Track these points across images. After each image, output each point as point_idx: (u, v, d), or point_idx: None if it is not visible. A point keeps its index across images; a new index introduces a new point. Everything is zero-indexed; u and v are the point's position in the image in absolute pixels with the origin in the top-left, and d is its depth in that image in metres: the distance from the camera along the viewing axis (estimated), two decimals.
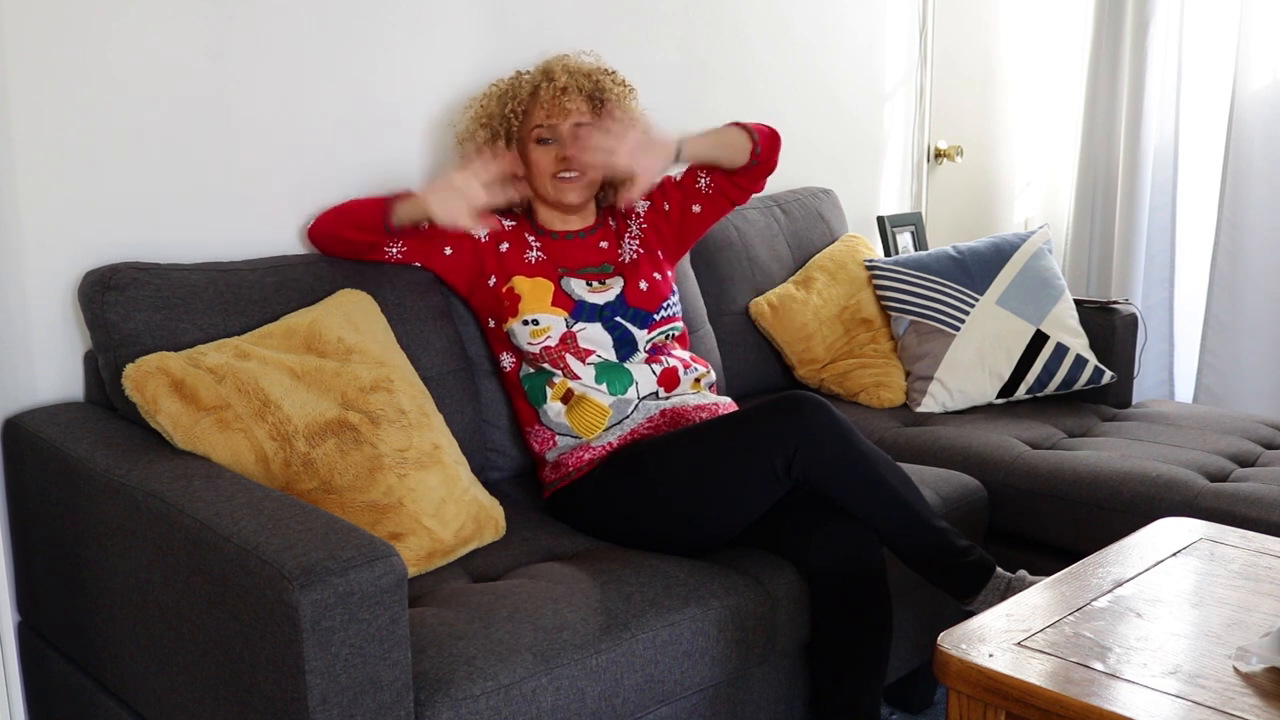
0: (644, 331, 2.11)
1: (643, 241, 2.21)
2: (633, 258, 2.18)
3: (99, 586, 1.67)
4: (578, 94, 2.11)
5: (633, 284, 2.13)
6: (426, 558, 1.77)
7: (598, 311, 2.08)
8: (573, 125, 2.10)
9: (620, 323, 2.09)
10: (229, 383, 1.70)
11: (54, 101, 1.84)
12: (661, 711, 1.67)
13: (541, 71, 2.15)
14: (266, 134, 2.08)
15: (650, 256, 2.20)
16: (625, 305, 2.11)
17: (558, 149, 2.10)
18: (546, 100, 2.10)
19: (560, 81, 2.10)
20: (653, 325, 2.13)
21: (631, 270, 2.16)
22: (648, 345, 2.11)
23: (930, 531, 1.84)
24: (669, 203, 2.24)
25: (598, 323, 2.08)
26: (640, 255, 2.19)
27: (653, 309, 2.13)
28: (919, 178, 3.54)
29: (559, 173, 2.11)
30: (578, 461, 2.04)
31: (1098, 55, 3.59)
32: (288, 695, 1.32)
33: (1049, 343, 2.71)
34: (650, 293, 2.14)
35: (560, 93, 2.09)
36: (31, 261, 1.86)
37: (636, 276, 2.15)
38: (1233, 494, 2.10)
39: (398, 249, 2.08)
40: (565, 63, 2.16)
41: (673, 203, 2.23)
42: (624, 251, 2.19)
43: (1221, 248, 3.36)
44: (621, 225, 2.23)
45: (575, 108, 2.10)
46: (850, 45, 3.24)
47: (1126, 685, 1.25)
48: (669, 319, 2.16)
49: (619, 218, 2.24)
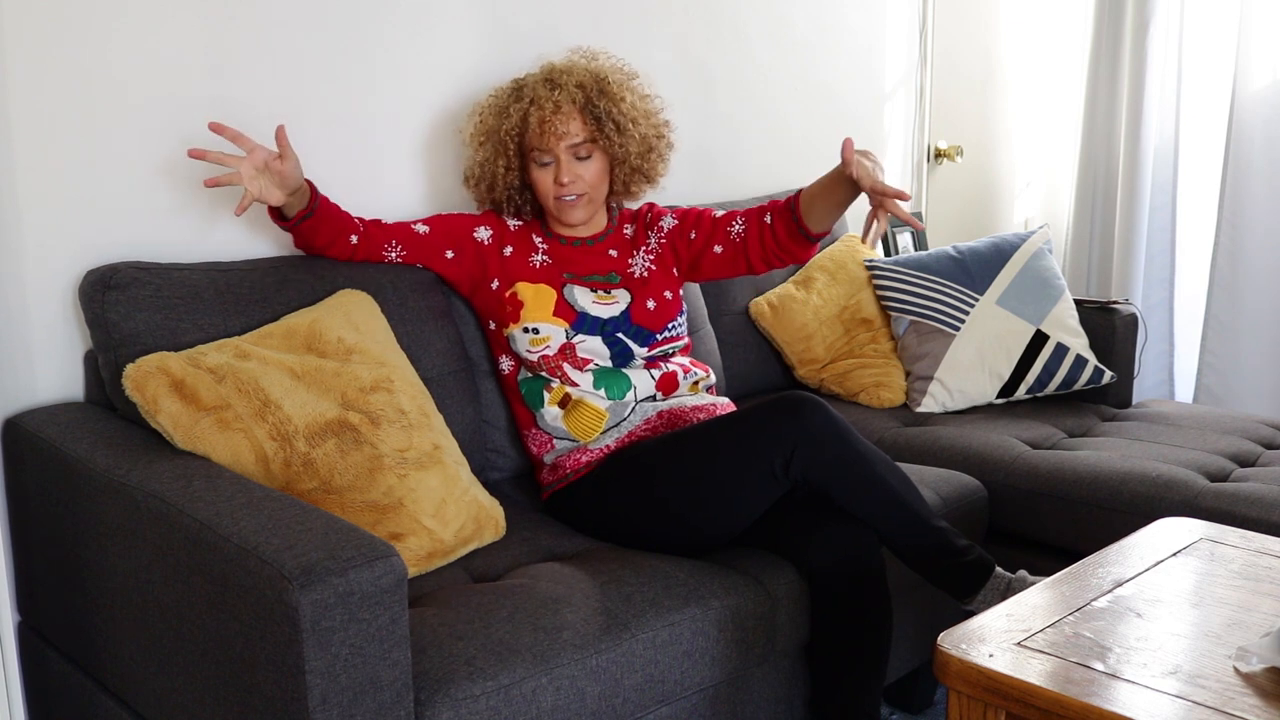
0: (644, 349, 2.09)
1: (658, 258, 2.16)
2: (644, 274, 2.14)
3: (99, 586, 1.67)
4: (571, 111, 2.05)
5: (640, 301, 2.11)
6: (426, 558, 1.77)
7: (599, 325, 2.07)
8: (568, 147, 2.06)
9: (621, 338, 2.07)
10: (229, 383, 1.70)
11: (54, 101, 1.84)
12: (661, 711, 1.67)
13: (533, 89, 2.08)
14: (266, 134, 2.08)
15: (664, 274, 2.16)
16: (629, 322, 2.08)
17: (555, 171, 2.08)
18: (537, 125, 2.05)
19: (549, 107, 2.04)
20: (653, 344, 2.10)
21: (640, 286, 2.13)
22: (646, 355, 2.11)
23: (930, 531, 1.84)
24: (696, 232, 2.17)
25: (598, 336, 2.06)
26: (653, 272, 2.15)
27: (657, 329, 2.10)
28: (919, 178, 3.54)
29: (559, 195, 2.09)
30: (575, 464, 2.04)
31: (1098, 55, 3.59)
32: (288, 695, 1.32)
33: (1049, 343, 2.71)
34: (657, 312, 2.11)
35: (553, 114, 2.04)
36: (31, 261, 1.86)
37: (645, 294, 2.12)
38: (1233, 494, 2.10)
39: (397, 252, 2.08)
40: (557, 77, 2.08)
41: (700, 233, 2.17)
42: (635, 265, 2.15)
43: (1221, 248, 3.36)
44: (640, 236, 2.19)
45: (567, 130, 2.05)
46: (850, 45, 3.24)
47: (1126, 685, 1.25)
48: (672, 338, 2.13)
49: (640, 228, 2.20)
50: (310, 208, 1.95)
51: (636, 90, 2.15)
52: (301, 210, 1.94)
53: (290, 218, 1.94)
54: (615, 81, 2.12)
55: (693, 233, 2.17)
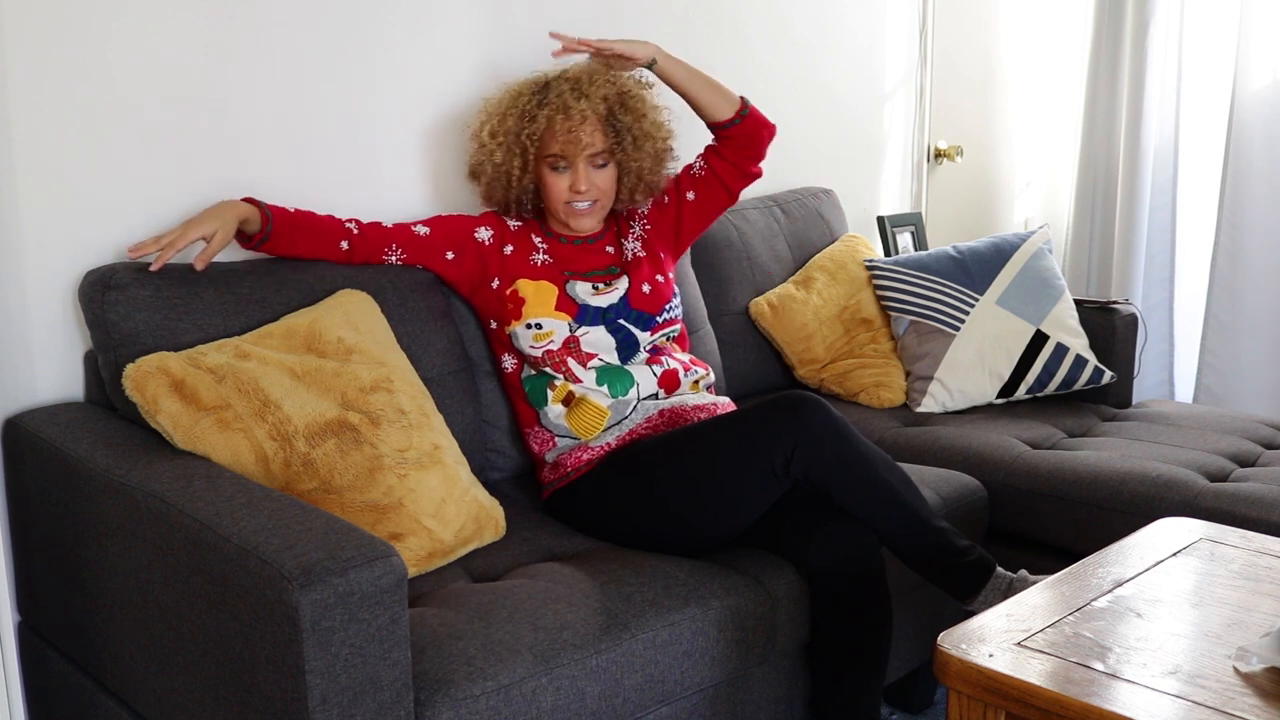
0: (646, 334, 2.11)
1: (645, 242, 2.20)
2: (635, 257, 2.18)
3: (99, 586, 1.67)
4: (596, 122, 2.07)
5: (636, 285, 2.13)
6: (426, 558, 1.77)
7: (601, 315, 2.08)
8: (588, 155, 2.08)
9: (623, 325, 2.09)
10: (229, 383, 1.70)
11: (54, 101, 1.84)
12: (661, 711, 1.67)
13: (559, 96, 2.07)
14: (266, 134, 2.08)
15: (652, 258, 2.19)
16: (628, 307, 2.10)
17: (571, 178, 2.09)
18: (564, 133, 2.05)
19: (576, 117, 2.05)
20: (655, 328, 2.13)
21: (634, 269, 2.15)
22: (649, 346, 2.12)
23: (930, 531, 1.84)
24: (667, 195, 2.23)
25: (601, 325, 2.07)
26: (642, 256, 2.18)
27: (655, 311, 2.13)
28: (919, 178, 3.54)
29: (572, 201, 2.10)
30: (576, 462, 2.04)
31: (1098, 55, 3.59)
32: (288, 695, 1.32)
33: (1049, 343, 2.71)
34: (653, 295, 2.14)
35: (579, 124, 2.05)
36: (31, 261, 1.86)
37: (640, 277, 2.14)
38: (1233, 494, 2.10)
39: (397, 255, 2.09)
40: (583, 87, 2.09)
41: (671, 195, 2.23)
42: (627, 251, 2.19)
43: (1221, 248, 3.36)
44: (625, 226, 2.22)
45: (591, 140, 2.06)
46: (850, 45, 3.24)
47: (1126, 685, 1.25)
48: (670, 321, 2.16)
49: (622, 220, 2.23)
50: (264, 231, 1.93)
51: (652, 104, 2.17)
52: (259, 231, 1.93)
53: (254, 238, 1.93)
54: (635, 96, 2.14)
55: (665, 198, 2.23)
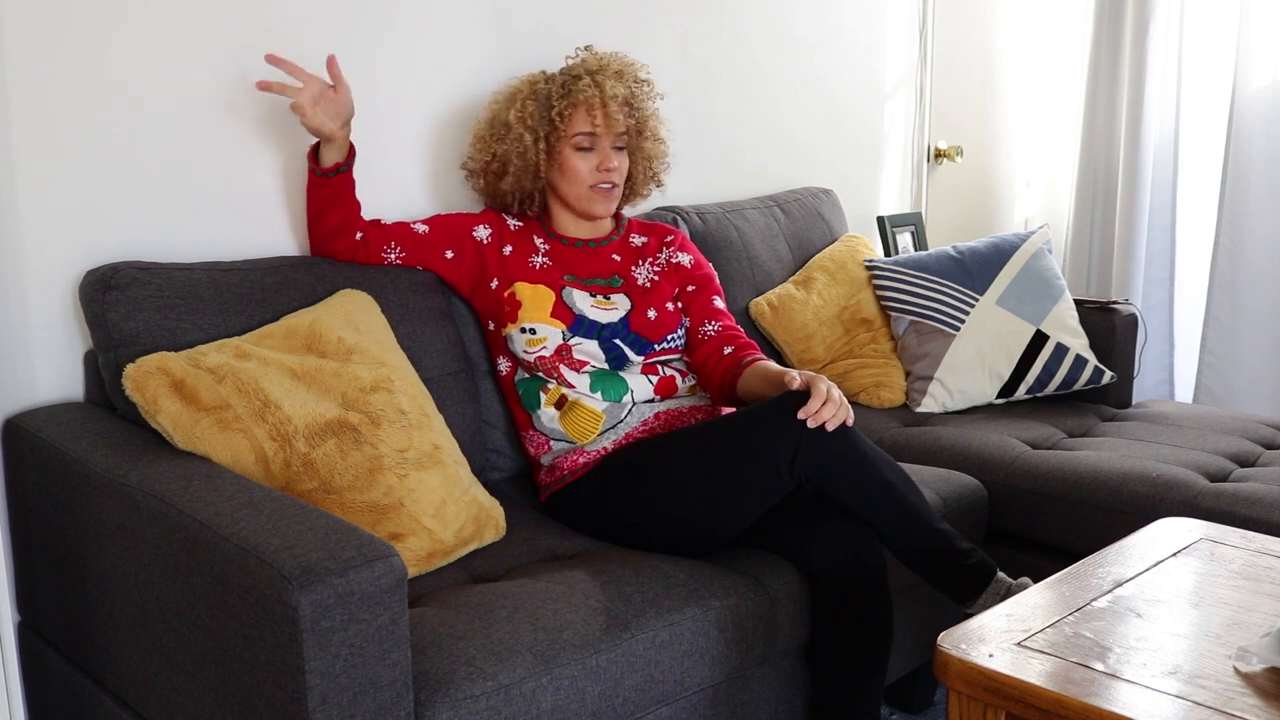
0: (640, 357, 2.09)
1: (664, 274, 2.19)
2: (647, 283, 2.16)
3: (99, 586, 1.67)
4: (621, 104, 2.09)
5: (640, 309, 2.11)
6: (426, 558, 1.77)
7: (597, 329, 2.07)
8: (614, 136, 2.10)
9: (617, 344, 2.07)
10: (229, 383, 1.70)
11: (54, 101, 1.84)
12: (661, 711, 1.67)
13: (589, 77, 2.10)
14: (266, 134, 2.08)
15: (668, 287, 2.17)
16: (627, 329, 2.08)
17: (599, 158, 2.10)
18: (600, 108, 2.08)
19: (608, 94, 2.07)
20: (650, 354, 2.10)
21: (642, 295, 2.13)
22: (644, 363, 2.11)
23: (932, 533, 1.84)
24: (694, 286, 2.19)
25: (594, 340, 2.06)
26: (656, 283, 2.16)
27: (655, 339, 2.10)
28: (919, 178, 3.54)
29: (598, 183, 2.11)
30: (573, 465, 2.04)
31: (1098, 55, 3.59)
32: (288, 695, 1.32)
33: (1049, 343, 2.71)
34: (658, 322, 2.11)
35: (610, 101, 2.07)
36: (31, 261, 1.86)
37: (647, 303, 2.12)
38: (1233, 494, 2.10)
39: (396, 254, 2.09)
40: (605, 70, 2.11)
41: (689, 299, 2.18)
42: (640, 274, 2.17)
43: (1221, 247, 3.36)
44: (651, 248, 2.21)
45: (618, 119, 2.09)
46: (850, 45, 3.24)
47: (1126, 685, 1.25)
48: (669, 350, 2.13)
49: (655, 242, 2.23)
50: (348, 162, 2.00)
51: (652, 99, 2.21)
52: (339, 161, 1.99)
53: (328, 166, 1.98)
54: (645, 87, 2.18)
55: (691, 285, 2.19)
